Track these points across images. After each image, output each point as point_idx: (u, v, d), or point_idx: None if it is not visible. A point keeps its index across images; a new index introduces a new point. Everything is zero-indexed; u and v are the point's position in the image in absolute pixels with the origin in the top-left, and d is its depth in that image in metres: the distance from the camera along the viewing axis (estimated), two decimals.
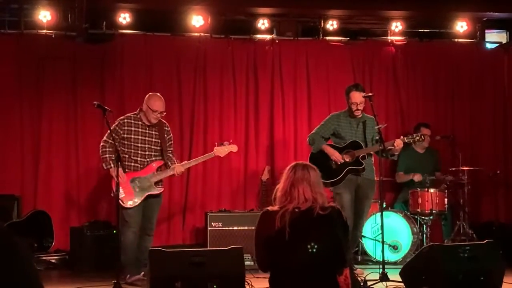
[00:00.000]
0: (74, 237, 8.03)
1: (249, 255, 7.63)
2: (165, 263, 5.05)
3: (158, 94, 7.10)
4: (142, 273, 6.79)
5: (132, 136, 6.90)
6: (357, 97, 7.25)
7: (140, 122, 6.97)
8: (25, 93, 8.68)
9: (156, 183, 6.96)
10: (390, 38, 9.52)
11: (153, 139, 7.01)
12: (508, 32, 10.03)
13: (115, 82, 8.85)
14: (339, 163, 7.19)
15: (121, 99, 8.79)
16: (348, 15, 9.30)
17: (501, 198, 9.58)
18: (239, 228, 8.15)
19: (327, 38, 9.40)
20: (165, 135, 7.11)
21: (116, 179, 6.39)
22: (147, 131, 6.99)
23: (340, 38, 9.47)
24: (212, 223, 8.17)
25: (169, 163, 7.05)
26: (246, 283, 5.31)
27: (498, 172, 9.13)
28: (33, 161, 8.62)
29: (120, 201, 6.67)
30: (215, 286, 4.94)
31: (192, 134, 9.03)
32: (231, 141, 7.35)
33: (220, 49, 9.21)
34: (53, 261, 8.04)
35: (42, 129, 8.66)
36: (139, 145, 6.92)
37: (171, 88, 9.04)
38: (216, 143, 7.32)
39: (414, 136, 7.28)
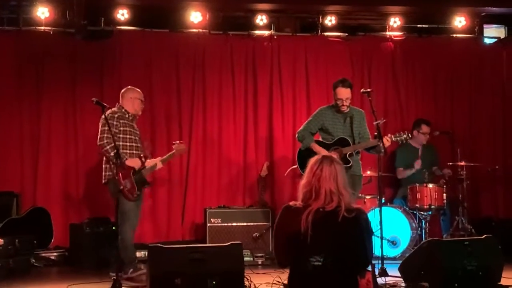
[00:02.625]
0: (73, 234, 8.05)
1: (248, 251, 7.67)
2: (165, 259, 5.06)
3: (131, 87, 7.25)
4: (131, 270, 6.80)
5: (128, 129, 6.97)
6: (343, 93, 7.23)
7: (127, 115, 7.04)
8: (24, 90, 8.68)
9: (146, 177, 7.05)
10: (388, 33, 9.51)
11: (138, 132, 7.13)
12: (506, 27, 10.01)
13: (114, 78, 8.84)
14: None
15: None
16: (347, 11, 9.29)
17: (500, 194, 9.58)
18: (238, 224, 8.18)
19: (326, 33, 9.39)
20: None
21: (116, 174, 6.43)
22: (133, 124, 7.09)
23: (338, 33, 9.46)
24: (211, 219, 8.20)
25: (148, 155, 7.16)
26: (245, 279, 5.32)
27: (497, 167, 9.13)
28: (33, 158, 8.62)
29: (128, 193, 6.72)
30: (214, 282, 4.95)
31: (191, 130, 9.03)
32: (182, 141, 7.51)
33: (218, 45, 9.21)
34: (53, 257, 8.04)
35: (41, 126, 8.66)
36: (133, 137, 7.01)
37: (170, 84, 9.05)
38: (173, 143, 7.41)
39: (402, 134, 7.21)
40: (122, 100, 7.11)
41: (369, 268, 4.26)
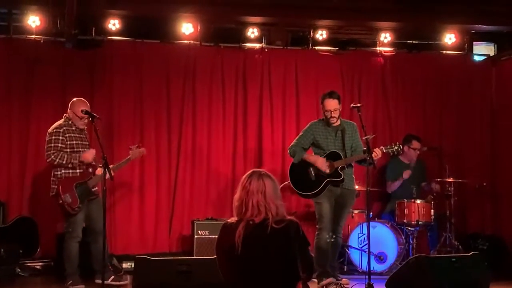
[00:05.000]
0: (59, 244, 7.98)
1: None
2: (151, 271, 5.04)
3: (82, 99, 7.20)
4: (112, 277, 6.95)
5: (74, 142, 7.00)
6: (330, 104, 7.18)
7: (73, 128, 7.06)
8: (14, 98, 8.64)
9: (93, 187, 7.03)
10: (379, 48, 9.56)
11: (86, 142, 7.14)
12: (495, 45, 10.09)
13: (104, 88, 8.81)
14: (323, 169, 7.18)
15: (110, 106, 8.77)
16: (338, 25, 9.32)
17: (487, 210, 9.60)
18: None
19: (317, 47, 9.43)
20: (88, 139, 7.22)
21: (103, 185, 6.37)
22: (80, 135, 7.11)
23: (329, 48, 9.50)
24: (199, 231, 8.18)
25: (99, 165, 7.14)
26: None
27: (485, 184, 9.15)
28: (20, 167, 8.57)
29: (68, 207, 6.84)
30: None
31: (180, 141, 9.02)
32: (140, 144, 7.54)
33: (209, 57, 9.21)
34: (38, 267, 8.01)
35: (30, 135, 8.61)
36: (80, 149, 7.02)
37: (160, 95, 9.03)
38: (130, 147, 7.43)
39: (392, 146, 7.18)
40: (69, 111, 7.10)
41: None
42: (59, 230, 8.27)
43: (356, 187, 8.22)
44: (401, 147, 7.27)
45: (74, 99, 7.17)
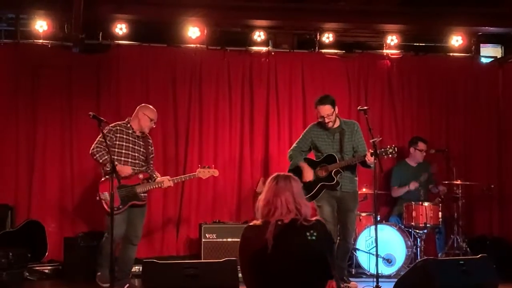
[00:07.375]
0: (68, 248, 8.02)
1: None
2: (159, 275, 5.03)
3: (148, 105, 7.33)
4: (127, 285, 6.88)
5: (124, 144, 7.00)
6: (323, 110, 7.13)
7: (130, 131, 7.08)
8: (21, 103, 8.67)
9: (142, 193, 7.03)
10: (385, 51, 9.54)
11: (141, 149, 7.15)
12: (503, 47, 10.07)
13: (111, 92, 8.85)
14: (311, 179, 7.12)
15: (117, 110, 8.78)
16: (344, 28, 9.32)
17: (495, 212, 9.57)
18: (233, 240, 8.11)
19: (323, 50, 9.42)
20: (149, 147, 7.23)
21: (111, 189, 6.37)
22: (136, 140, 7.11)
23: (335, 51, 9.50)
24: (206, 235, 8.16)
25: (153, 175, 7.19)
26: None
27: (492, 186, 9.14)
28: (28, 171, 8.60)
29: (106, 205, 6.79)
30: None
31: (187, 145, 9.03)
32: (213, 165, 7.53)
33: (216, 60, 9.22)
34: (46, 271, 8.02)
35: (37, 139, 8.65)
36: (130, 153, 7.03)
37: (167, 99, 9.05)
38: (199, 165, 7.52)
39: (387, 149, 6.98)
40: (134, 114, 7.18)
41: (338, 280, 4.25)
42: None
43: (364, 190, 8.23)
44: (395, 149, 7.10)
45: (144, 104, 7.31)
